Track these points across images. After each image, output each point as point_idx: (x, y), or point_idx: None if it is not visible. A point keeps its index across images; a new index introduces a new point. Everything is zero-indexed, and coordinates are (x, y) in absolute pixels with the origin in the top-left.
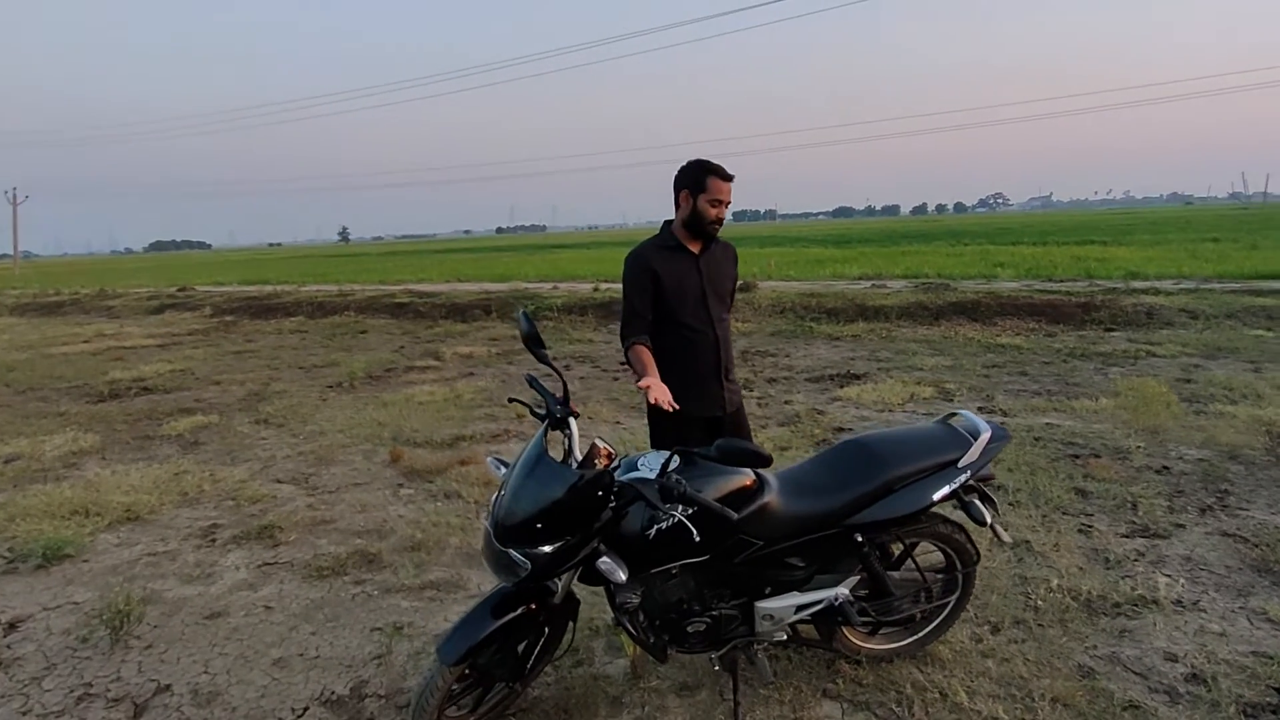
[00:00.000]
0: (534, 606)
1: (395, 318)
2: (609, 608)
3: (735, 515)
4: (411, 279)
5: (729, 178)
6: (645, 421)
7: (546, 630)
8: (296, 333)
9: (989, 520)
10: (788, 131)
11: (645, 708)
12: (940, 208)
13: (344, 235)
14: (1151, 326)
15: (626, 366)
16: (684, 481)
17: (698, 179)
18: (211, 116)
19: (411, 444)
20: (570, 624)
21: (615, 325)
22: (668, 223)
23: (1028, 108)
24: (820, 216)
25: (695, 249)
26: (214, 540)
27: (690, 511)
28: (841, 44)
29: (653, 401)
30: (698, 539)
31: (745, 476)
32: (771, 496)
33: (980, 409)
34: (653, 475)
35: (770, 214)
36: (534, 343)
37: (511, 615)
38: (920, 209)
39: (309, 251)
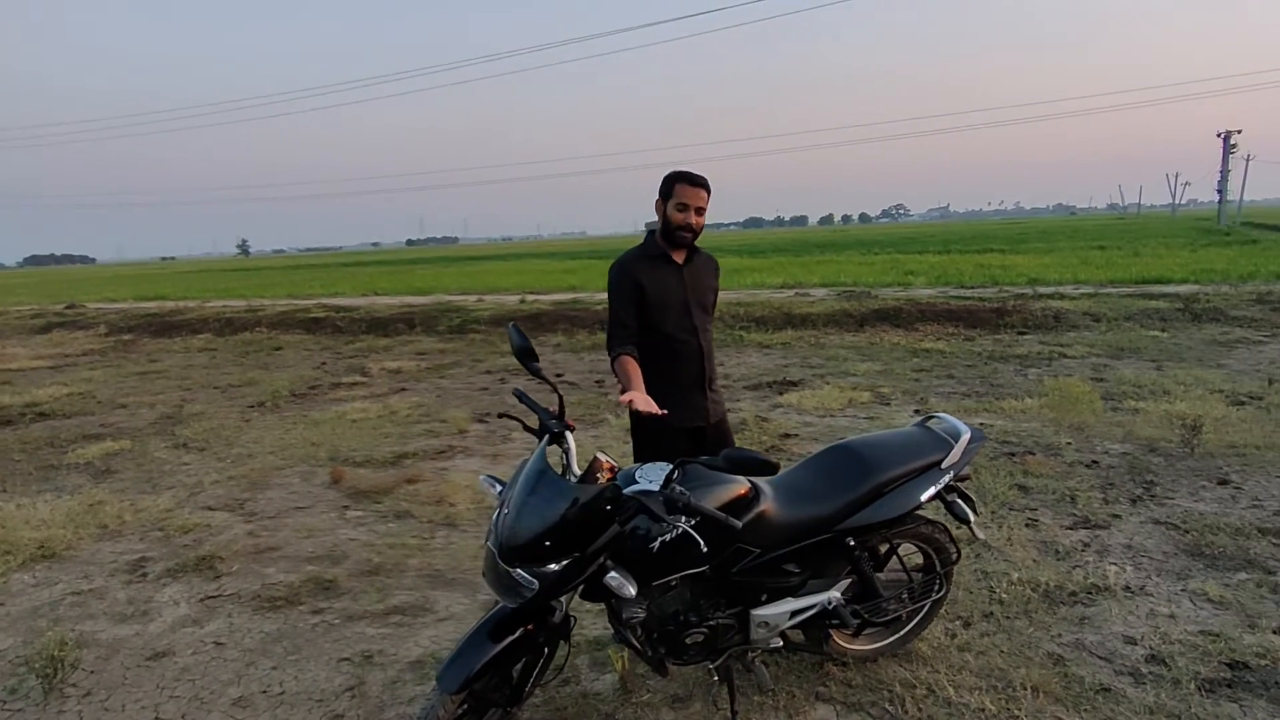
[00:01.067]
0: (531, 627)
1: (312, 333)
2: (592, 621)
3: (739, 524)
4: (324, 293)
5: (696, 182)
6: (594, 434)
7: (545, 650)
8: (205, 351)
9: (972, 519)
10: (698, 144)
11: None
12: (846, 218)
13: (244, 248)
14: (1060, 329)
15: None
16: (687, 493)
17: (668, 186)
18: (93, 122)
19: (351, 464)
20: (564, 643)
21: (545, 337)
22: (652, 232)
23: (927, 123)
24: (731, 227)
25: (679, 259)
26: (145, 575)
27: (694, 522)
28: (750, 59)
29: (638, 410)
30: (704, 549)
31: (741, 485)
32: (767, 504)
33: (916, 412)
34: (654, 487)
35: None
36: (526, 356)
37: (511, 638)
38: (827, 219)
39: (206, 265)
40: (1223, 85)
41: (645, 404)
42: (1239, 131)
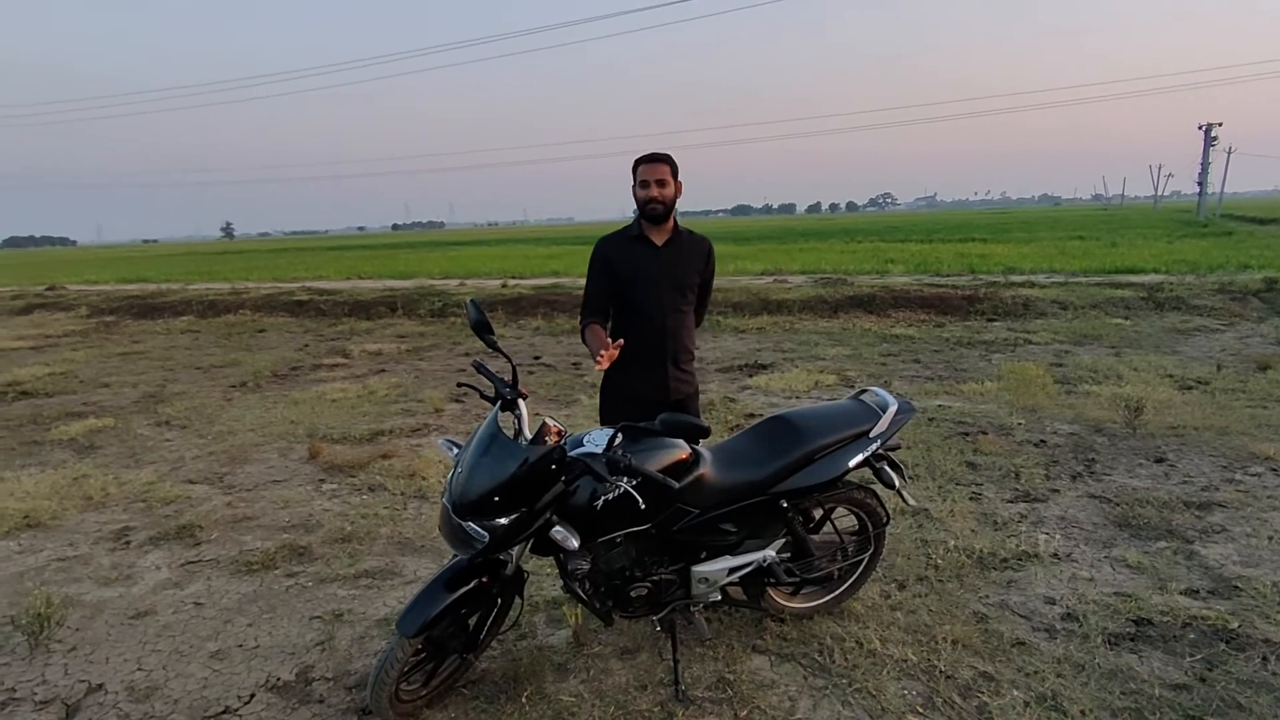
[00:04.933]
0: (486, 579)
1: (295, 316)
2: (551, 583)
3: (676, 485)
4: (308, 276)
5: (652, 159)
6: (567, 413)
7: (499, 602)
8: (188, 333)
9: (898, 484)
10: (688, 130)
11: (590, 671)
12: (834, 206)
13: (228, 231)
14: (1028, 317)
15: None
16: (629, 455)
17: (633, 171)
18: (73, 103)
19: (329, 440)
20: (518, 597)
21: (525, 321)
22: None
23: (914, 112)
24: (720, 214)
25: (659, 240)
26: (129, 542)
27: (635, 482)
28: (741, 47)
29: (601, 363)
30: (643, 507)
31: (682, 450)
32: (706, 468)
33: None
34: (599, 450)
35: None
36: (483, 329)
37: (466, 588)
38: (815, 207)
39: (190, 248)
40: (1206, 78)
41: (606, 358)
42: (1220, 124)
